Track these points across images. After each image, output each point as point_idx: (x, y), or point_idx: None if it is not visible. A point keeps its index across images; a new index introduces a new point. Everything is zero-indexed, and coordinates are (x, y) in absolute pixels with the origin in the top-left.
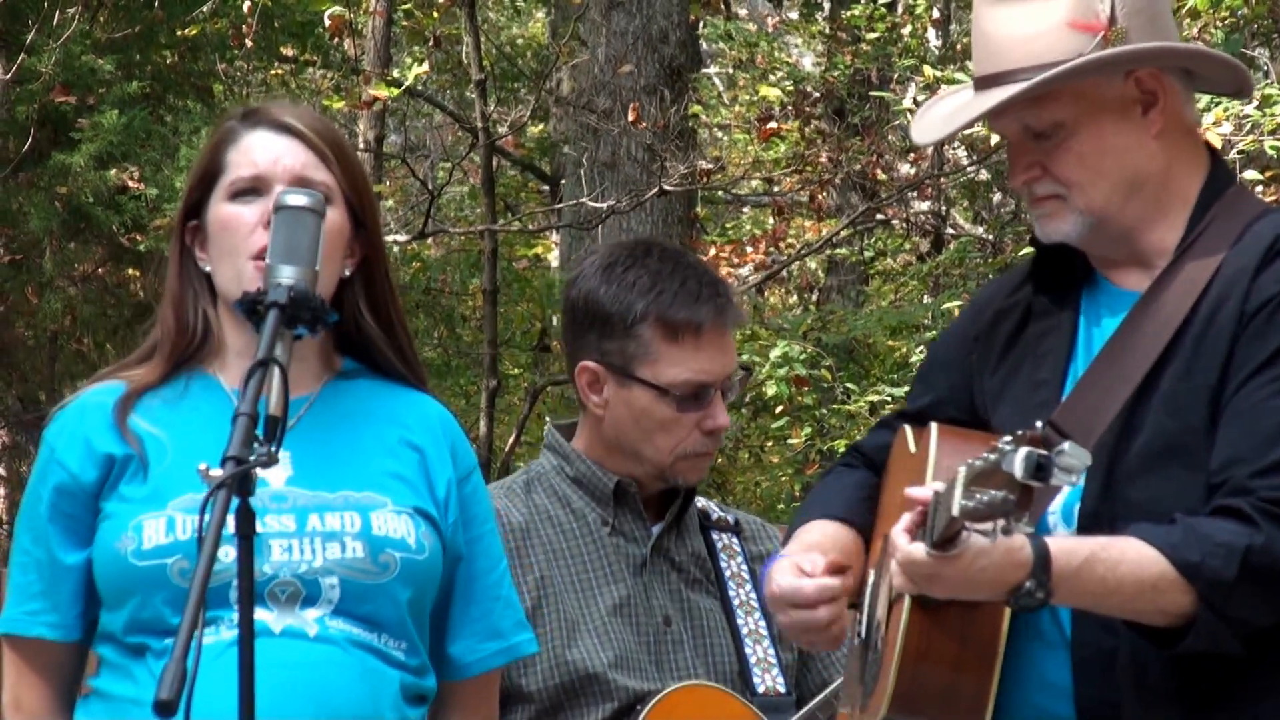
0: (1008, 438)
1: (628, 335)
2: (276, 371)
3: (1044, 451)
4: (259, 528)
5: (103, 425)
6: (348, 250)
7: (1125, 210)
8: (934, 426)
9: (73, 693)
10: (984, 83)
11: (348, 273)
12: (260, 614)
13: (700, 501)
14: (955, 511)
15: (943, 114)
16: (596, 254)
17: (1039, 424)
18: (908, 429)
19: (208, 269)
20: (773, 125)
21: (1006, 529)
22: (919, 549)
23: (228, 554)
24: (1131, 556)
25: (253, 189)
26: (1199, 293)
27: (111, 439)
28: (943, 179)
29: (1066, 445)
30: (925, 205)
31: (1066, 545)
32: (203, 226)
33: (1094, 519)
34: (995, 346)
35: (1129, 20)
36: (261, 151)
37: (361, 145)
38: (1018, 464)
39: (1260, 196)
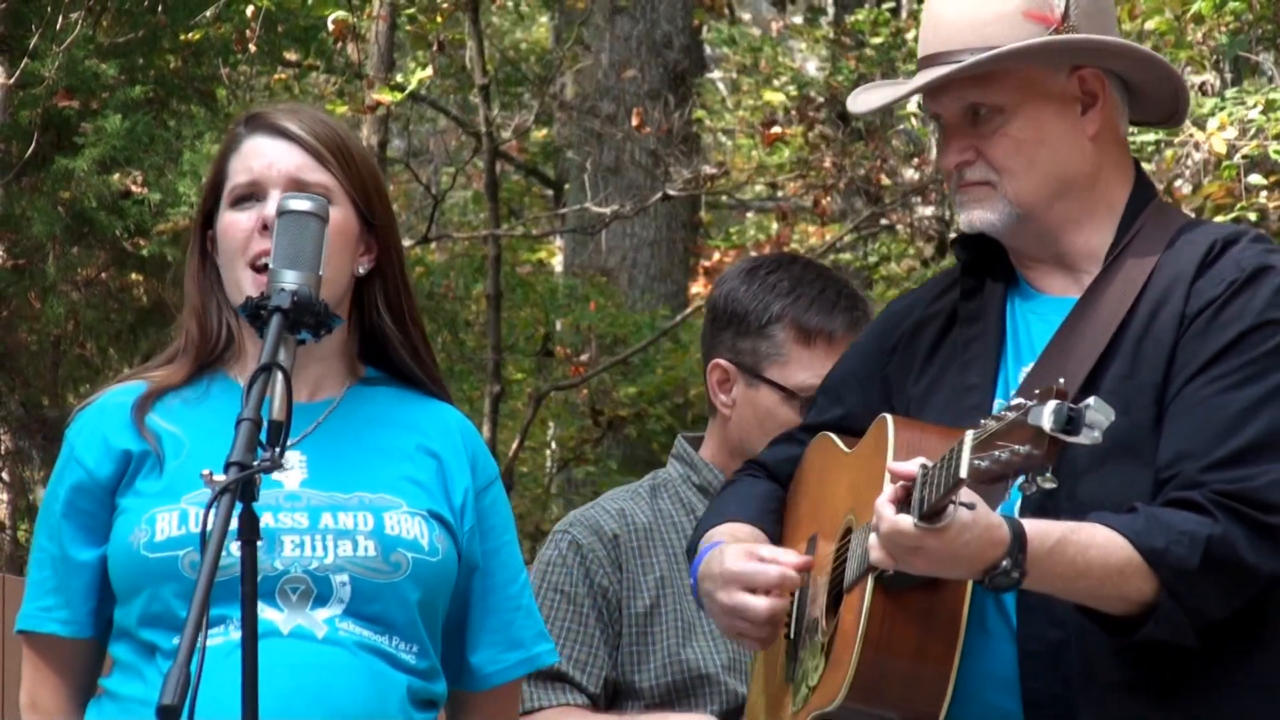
0: (1018, 400)
1: (761, 335)
2: (280, 376)
3: (1074, 405)
4: (270, 523)
5: (121, 423)
6: (360, 248)
7: (1052, 207)
8: (889, 418)
9: (89, 692)
10: (930, 61)
11: (362, 270)
12: (270, 613)
13: None
14: (963, 473)
15: (882, 92)
16: (745, 260)
17: (1060, 379)
18: (832, 435)
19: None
20: (776, 130)
21: (1028, 485)
22: (905, 520)
23: (237, 549)
24: (1099, 541)
25: (250, 195)
26: (1134, 297)
27: (129, 436)
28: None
29: (1092, 400)
30: (929, 210)
31: (1040, 526)
32: (214, 234)
33: (1039, 515)
34: (918, 354)
35: (1080, 20)
36: (256, 157)
37: None
38: (1047, 417)
39: (1265, 201)
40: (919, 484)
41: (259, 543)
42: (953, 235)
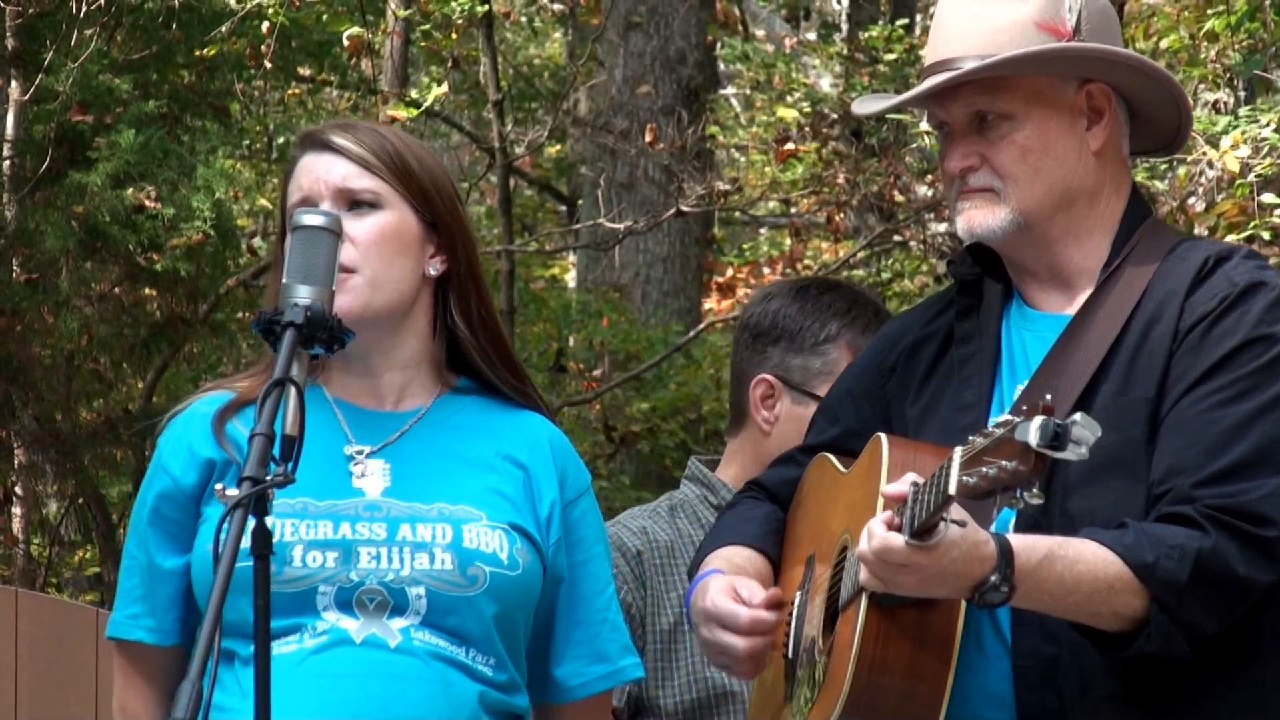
0: (1003, 416)
1: (815, 352)
2: (293, 392)
3: (1060, 420)
4: (348, 534)
5: (205, 431)
6: (428, 249)
7: (1054, 220)
8: (883, 437)
9: None
10: (938, 68)
11: (433, 272)
12: (345, 622)
13: None
14: (952, 489)
15: (890, 97)
16: (784, 281)
17: (1047, 396)
18: (830, 456)
19: None
20: (790, 146)
21: (1015, 500)
22: (896, 538)
23: (315, 559)
24: (1088, 556)
25: None
26: (1128, 313)
27: (213, 444)
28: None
29: (1078, 416)
30: (943, 227)
31: (1026, 541)
32: None
33: (1033, 531)
34: (916, 374)
35: (1090, 36)
36: (306, 174)
37: None
38: (1033, 432)
39: (1279, 220)
40: (909, 502)
41: (335, 554)
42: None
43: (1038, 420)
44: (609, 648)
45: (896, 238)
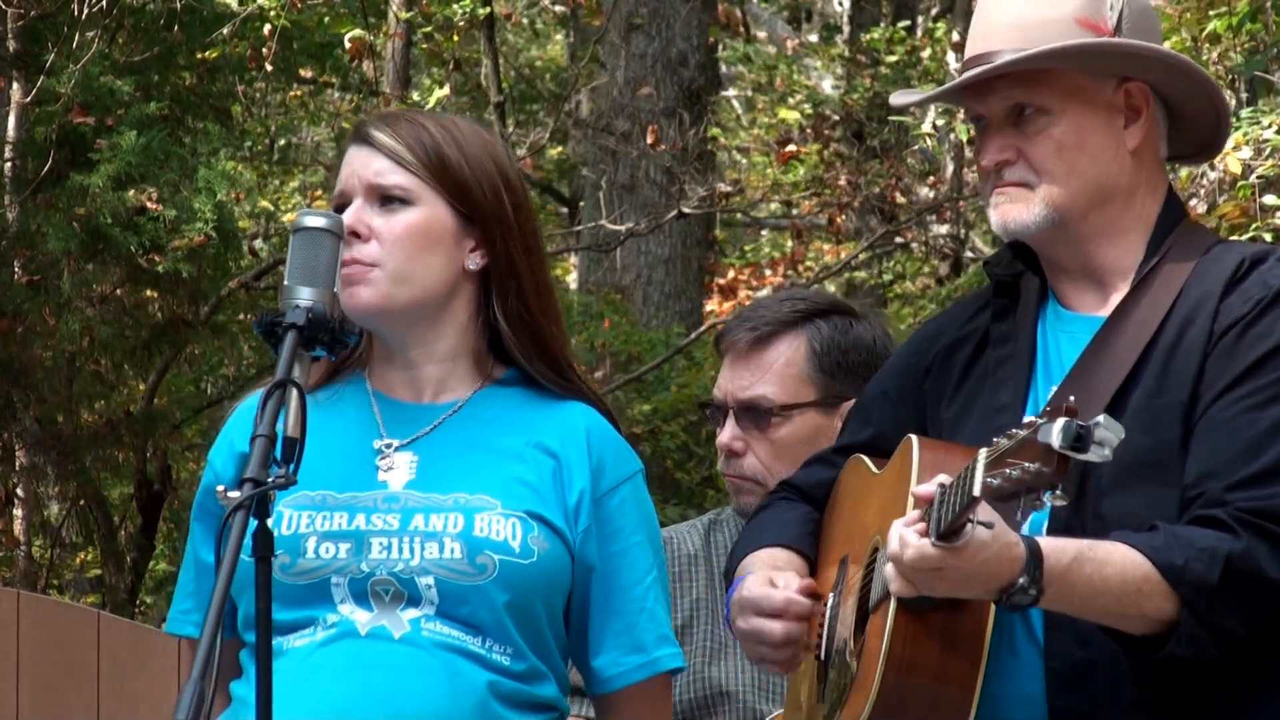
0: (1029, 418)
1: None
2: (294, 393)
3: (1082, 422)
4: (362, 525)
5: (247, 427)
6: (467, 244)
7: (1088, 217)
8: (914, 439)
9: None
10: (976, 61)
11: (473, 266)
12: (358, 614)
13: None
14: (977, 491)
15: (926, 89)
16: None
17: (1071, 398)
18: (863, 458)
19: None
20: (791, 148)
21: (1039, 502)
22: (924, 541)
23: (327, 550)
24: (1117, 559)
25: (343, 205)
26: (1163, 315)
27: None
28: (961, 202)
29: (1101, 418)
30: (944, 228)
31: (1056, 544)
32: None
33: (1065, 534)
34: (951, 376)
35: (1131, 34)
36: (345, 167)
37: None
38: (1056, 434)
39: None
40: (936, 504)
41: (348, 545)
42: (969, 255)
43: (1060, 422)
44: (645, 638)
45: (898, 239)
